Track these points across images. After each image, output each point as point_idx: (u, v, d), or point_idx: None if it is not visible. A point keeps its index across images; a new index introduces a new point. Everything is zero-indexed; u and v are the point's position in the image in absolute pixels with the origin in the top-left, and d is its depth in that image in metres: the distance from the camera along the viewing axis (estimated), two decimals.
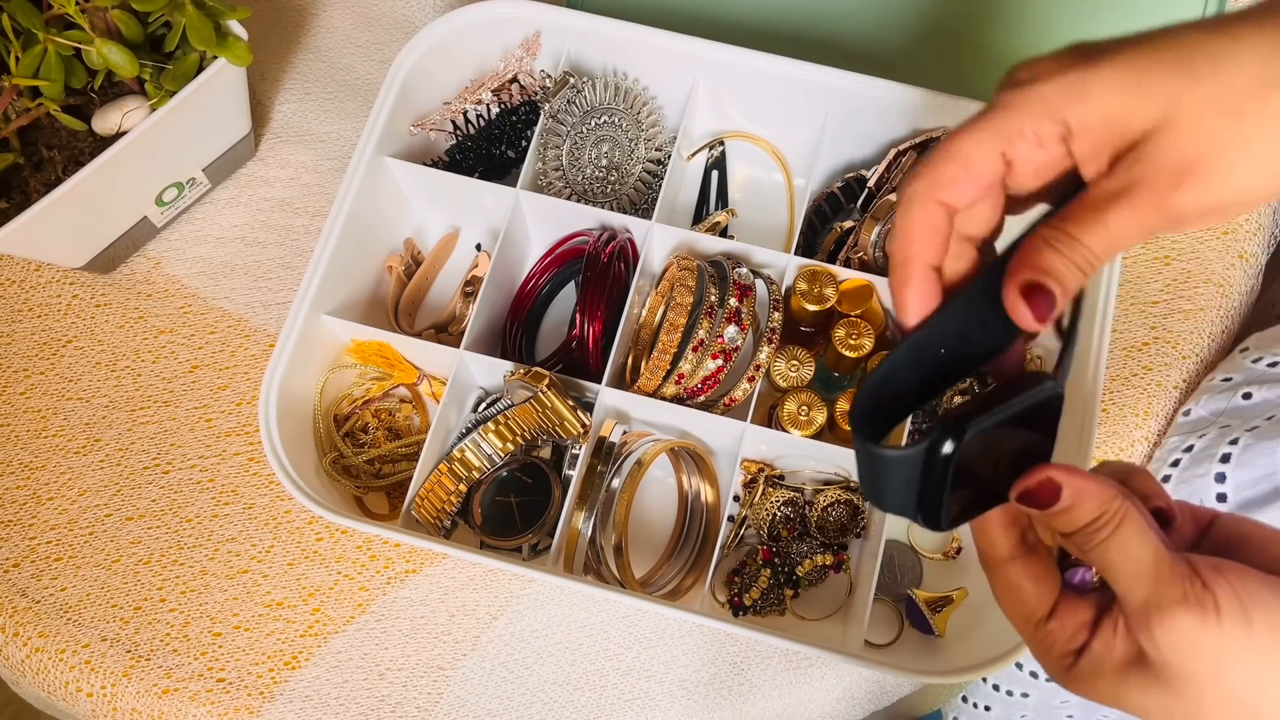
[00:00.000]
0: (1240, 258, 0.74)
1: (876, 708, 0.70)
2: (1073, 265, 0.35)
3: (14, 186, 0.66)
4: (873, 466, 0.37)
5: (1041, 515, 0.36)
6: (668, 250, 0.70)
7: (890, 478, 0.36)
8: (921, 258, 0.38)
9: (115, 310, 0.75)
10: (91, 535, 0.70)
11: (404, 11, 0.84)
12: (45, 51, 0.62)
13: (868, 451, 0.36)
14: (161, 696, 0.66)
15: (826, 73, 0.68)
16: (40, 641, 0.67)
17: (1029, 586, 0.37)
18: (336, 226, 0.67)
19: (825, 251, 0.70)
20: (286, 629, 0.67)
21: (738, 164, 0.77)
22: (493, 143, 0.73)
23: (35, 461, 0.72)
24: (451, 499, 0.64)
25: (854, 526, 0.66)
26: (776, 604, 0.66)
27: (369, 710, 0.65)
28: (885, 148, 0.71)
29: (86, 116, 0.66)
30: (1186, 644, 0.33)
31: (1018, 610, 0.38)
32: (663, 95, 0.73)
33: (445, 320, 0.72)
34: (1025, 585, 0.37)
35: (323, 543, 0.69)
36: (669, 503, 0.69)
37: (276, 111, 0.81)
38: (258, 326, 0.75)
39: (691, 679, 0.66)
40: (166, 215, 0.75)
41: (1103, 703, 0.36)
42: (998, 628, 0.61)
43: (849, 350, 0.65)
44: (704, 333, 0.63)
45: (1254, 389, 0.65)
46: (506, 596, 0.68)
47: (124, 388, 0.73)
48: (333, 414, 0.70)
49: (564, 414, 0.63)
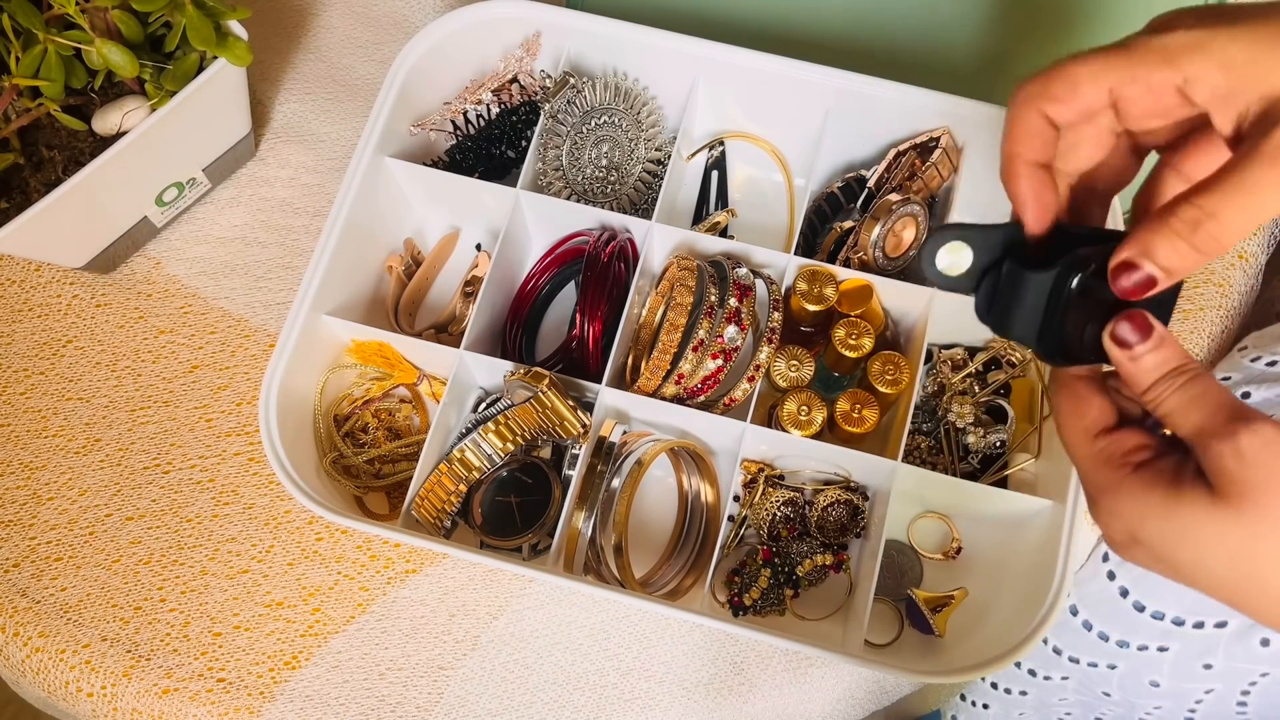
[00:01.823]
0: (1240, 258, 0.74)
1: (876, 707, 0.70)
2: (1191, 251, 0.36)
3: (14, 186, 0.66)
4: (1011, 286, 0.40)
5: (1131, 354, 0.38)
6: (668, 250, 0.70)
7: (1024, 300, 0.40)
8: (1025, 155, 0.40)
9: (115, 310, 0.75)
10: (92, 535, 0.70)
11: (404, 11, 0.84)
12: (45, 51, 0.62)
13: (1011, 270, 0.40)
14: (162, 696, 0.66)
15: (826, 73, 0.68)
16: (40, 641, 0.67)
17: (1096, 400, 0.39)
18: (336, 226, 0.67)
19: (825, 251, 0.70)
20: (287, 629, 0.67)
21: (738, 164, 0.77)
22: (493, 143, 0.73)
23: (35, 461, 0.72)
24: (451, 499, 0.64)
25: (854, 526, 0.66)
26: (776, 604, 0.66)
27: (369, 710, 0.66)
28: (885, 148, 0.71)
29: (86, 116, 0.66)
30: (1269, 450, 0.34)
31: (1078, 423, 0.39)
32: (663, 95, 0.73)
33: (445, 320, 0.72)
34: (1093, 399, 0.39)
35: (323, 543, 0.69)
36: (669, 503, 0.69)
37: (276, 111, 0.81)
38: (258, 326, 0.75)
39: (691, 679, 0.66)
40: (167, 215, 0.75)
41: (1144, 534, 0.36)
42: (998, 628, 0.62)
43: (849, 350, 0.65)
44: (704, 333, 0.63)
45: (1252, 388, 0.65)
46: (506, 596, 0.68)
47: (124, 388, 0.73)
48: (333, 414, 0.70)
49: (564, 414, 0.63)
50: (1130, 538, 0.37)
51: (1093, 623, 0.68)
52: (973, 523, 0.68)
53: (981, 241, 0.41)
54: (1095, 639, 0.68)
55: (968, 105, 0.67)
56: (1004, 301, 0.41)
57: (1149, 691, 0.69)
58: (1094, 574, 0.68)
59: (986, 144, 0.68)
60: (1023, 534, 0.65)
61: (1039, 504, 0.62)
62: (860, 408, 0.65)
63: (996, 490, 0.64)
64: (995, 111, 0.67)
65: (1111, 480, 0.38)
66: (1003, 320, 0.41)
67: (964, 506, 0.68)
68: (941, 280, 0.42)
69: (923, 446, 0.67)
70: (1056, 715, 0.80)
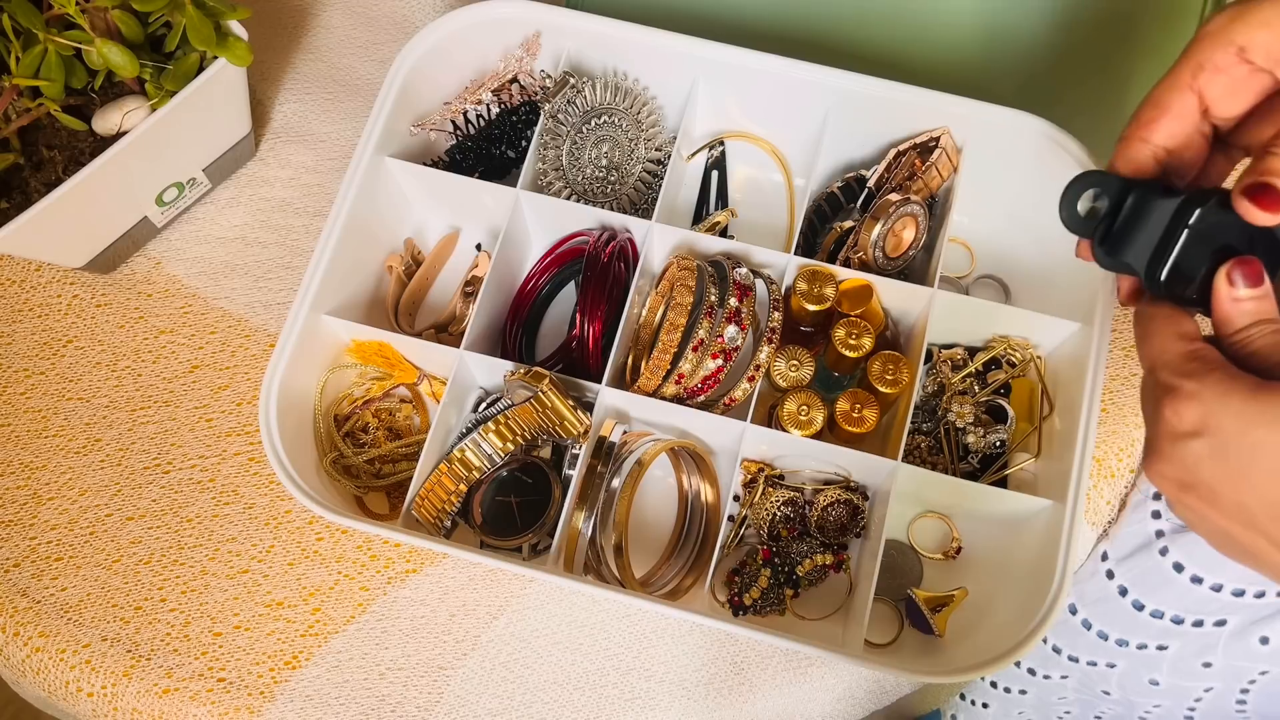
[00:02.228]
0: None
1: (876, 707, 0.70)
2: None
3: (14, 186, 0.66)
4: (1136, 214, 0.45)
5: (1236, 295, 0.41)
6: (668, 250, 0.70)
7: (1144, 227, 0.45)
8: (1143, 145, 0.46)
9: (115, 310, 0.75)
10: (92, 535, 0.70)
11: (404, 11, 0.84)
12: (45, 51, 0.62)
13: (1140, 197, 0.45)
14: (162, 696, 0.66)
15: (826, 73, 0.68)
16: (41, 641, 0.67)
17: (1188, 321, 0.43)
18: (336, 226, 0.67)
19: (825, 251, 0.70)
20: (287, 629, 0.67)
21: (738, 164, 0.77)
22: (493, 143, 0.73)
23: (36, 461, 0.72)
24: (451, 499, 0.64)
25: (854, 526, 0.66)
26: (776, 604, 0.66)
27: (369, 710, 0.66)
28: (885, 148, 0.71)
29: (87, 116, 0.66)
30: None
31: (1173, 327, 0.43)
32: (663, 95, 0.73)
33: (445, 320, 0.72)
34: (1186, 319, 0.43)
35: (323, 542, 0.69)
36: (669, 503, 0.69)
37: (276, 111, 0.81)
38: (258, 326, 0.75)
39: (691, 679, 0.66)
40: (167, 215, 0.75)
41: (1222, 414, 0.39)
42: (998, 627, 0.62)
43: (849, 350, 0.65)
44: (704, 332, 0.63)
45: None
46: (506, 596, 0.68)
47: (124, 388, 0.73)
48: (333, 414, 0.70)
49: (564, 414, 0.63)
50: (1200, 423, 0.39)
51: (1092, 621, 0.68)
52: (973, 523, 0.68)
53: (1115, 185, 0.46)
54: (1095, 638, 0.69)
55: (968, 105, 0.67)
56: (1122, 230, 0.45)
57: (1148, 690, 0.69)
58: (1093, 573, 0.68)
59: (987, 144, 0.68)
60: (1023, 534, 0.65)
61: (1039, 504, 0.62)
62: (860, 408, 0.65)
63: (996, 490, 0.64)
64: (995, 111, 0.67)
65: (1199, 368, 0.40)
66: (1119, 245, 0.46)
67: (964, 506, 0.68)
68: (1074, 223, 0.47)
69: (923, 446, 0.67)
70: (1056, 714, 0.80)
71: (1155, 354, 0.43)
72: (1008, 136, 0.67)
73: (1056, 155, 0.67)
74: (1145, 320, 0.44)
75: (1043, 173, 0.67)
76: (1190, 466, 0.40)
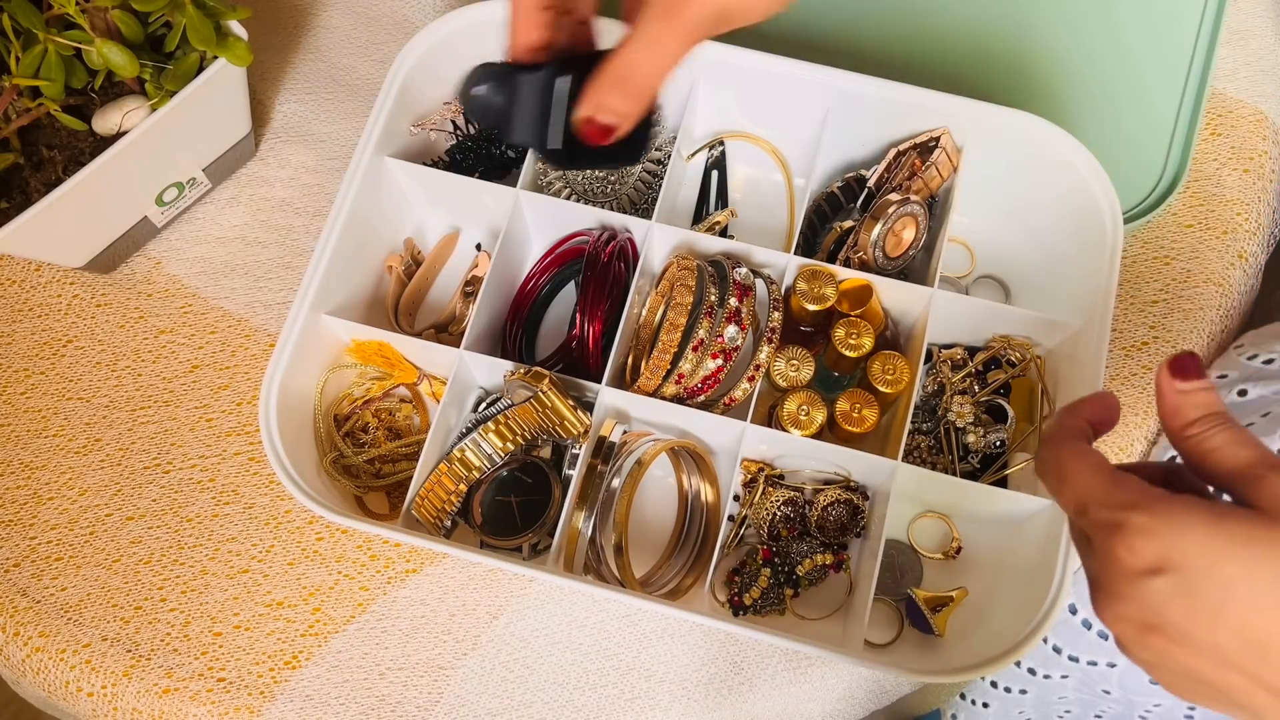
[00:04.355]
0: (1240, 257, 0.74)
1: (876, 707, 0.70)
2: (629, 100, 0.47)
3: (14, 186, 0.66)
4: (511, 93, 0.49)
5: (1183, 389, 0.39)
6: (668, 250, 0.70)
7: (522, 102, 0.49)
8: None
9: (115, 310, 0.75)
10: (92, 535, 0.70)
11: (404, 11, 0.84)
12: (45, 51, 0.62)
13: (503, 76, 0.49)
14: (162, 696, 0.66)
15: (826, 73, 0.68)
16: (41, 641, 0.67)
17: (1094, 450, 0.40)
18: (336, 226, 0.67)
19: (825, 251, 0.70)
20: (287, 629, 0.67)
21: (738, 164, 0.77)
22: (493, 143, 0.73)
23: (36, 461, 0.72)
24: (451, 499, 0.64)
25: (854, 526, 0.66)
26: (776, 604, 0.66)
27: (369, 710, 0.66)
28: (885, 148, 0.71)
29: (87, 116, 0.66)
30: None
31: (1086, 462, 0.39)
32: (663, 95, 0.73)
33: (445, 320, 0.72)
34: (1091, 449, 0.40)
35: (323, 542, 0.69)
36: (669, 502, 0.69)
37: (276, 111, 0.81)
38: (258, 326, 0.75)
39: (691, 679, 0.66)
40: (167, 215, 0.75)
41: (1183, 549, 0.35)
42: (998, 627, 0.62)
43: (849, 350, 0.65)
44: (704, 332, 0.63)
45: (1249, 385, 0.65)
46: (506, 596, 0.68)
47: (124, 388, 0.73)
48: (333, 414, 0.70)
49: (564, 414, 0.63)
50: (1161, 559, 0.35)
51: (1092, 621, 0.68)
52: (973, 522, 0.68)
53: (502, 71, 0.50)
54: (1095, 637, 0.69)
55: (968, 105, 0.67)
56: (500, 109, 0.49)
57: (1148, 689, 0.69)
58: None
59: (987, 144, 0.68)
60: (1023, 534, 0.65)
61: (1039, 504, 0.62)
62: (860, 407, 0.65)
63: (996, 490, 0.64)
64: (995, 111, 0.67)
65: (1144, 496, 0.37)
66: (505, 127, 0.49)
67: (964, 506, 0.68)
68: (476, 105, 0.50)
69: (923, 446, 0.67)
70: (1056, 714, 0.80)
71: (1081, 493, 0.39)
72: (1008, 136, 0.68)
73: (1056, 155, 0.67)
74: (1055, 464, 0.40)
75: (1043, 173, 0.67)
76: (1154, 607, 0.35)
